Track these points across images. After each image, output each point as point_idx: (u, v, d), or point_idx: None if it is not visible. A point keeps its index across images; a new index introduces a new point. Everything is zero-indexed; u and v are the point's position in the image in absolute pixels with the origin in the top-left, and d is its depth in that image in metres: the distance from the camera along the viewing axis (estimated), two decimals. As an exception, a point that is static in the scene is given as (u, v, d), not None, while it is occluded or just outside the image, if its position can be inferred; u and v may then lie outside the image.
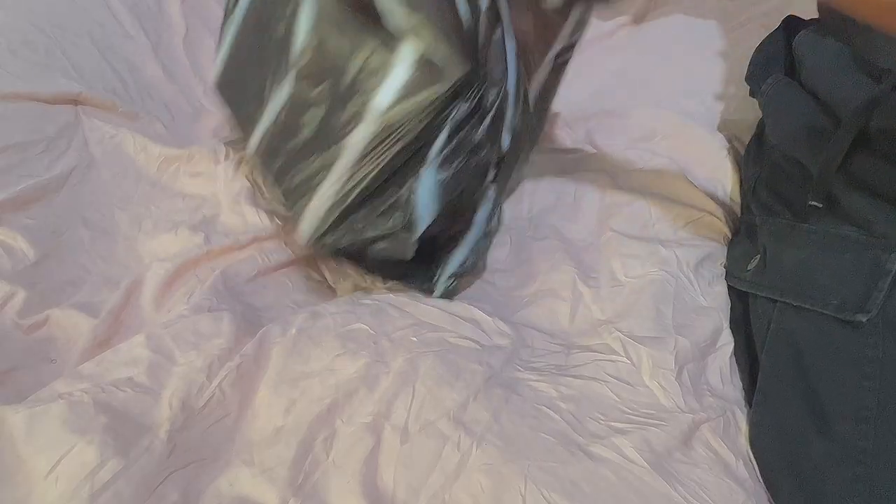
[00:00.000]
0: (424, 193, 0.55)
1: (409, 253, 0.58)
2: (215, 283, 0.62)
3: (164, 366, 0.52)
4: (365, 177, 0.54)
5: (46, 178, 0.72)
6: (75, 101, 0.83)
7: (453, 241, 0.64)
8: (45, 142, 0.76)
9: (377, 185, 0.55)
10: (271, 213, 0.72)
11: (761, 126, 0.74)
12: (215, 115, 0.94)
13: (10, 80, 0.80)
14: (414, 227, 0.55)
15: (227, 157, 0.79)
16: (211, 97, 0.97)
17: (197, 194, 0.76)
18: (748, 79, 0.73)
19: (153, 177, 0.79)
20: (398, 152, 0.53)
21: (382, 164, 0.53)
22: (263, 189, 0.74)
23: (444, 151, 0.54)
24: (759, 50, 0.76)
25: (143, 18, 1.00)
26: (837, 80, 0.60)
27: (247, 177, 0.76)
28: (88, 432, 0.47)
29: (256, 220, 0.71)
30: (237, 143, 0.73)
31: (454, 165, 0.55)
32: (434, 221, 0.57)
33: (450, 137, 0.54)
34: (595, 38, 1.04)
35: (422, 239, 0.57)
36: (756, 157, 0.70)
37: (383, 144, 0.53)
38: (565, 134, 0.84)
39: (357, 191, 0.55)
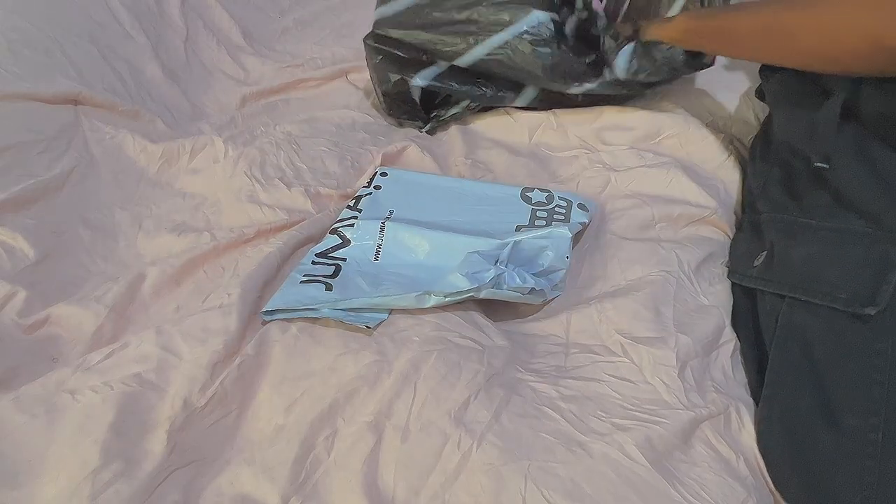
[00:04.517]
0: None
1: None
2: (230, 277, 0.62)
3: (171, 363, 0.52)
4: None
5: (46, 178, 0.72)
6: (75, 101, 0.83)
7: (446, 103, 0.90)
8: (45, 142, 0.76)
9: None
10: (273, 207, 0.72)
11: (766, 125, 0.74)
12: (214, 114, 0.94)
13: (10, 79, 0.80)
14: None
15: (226, 154, 0.80)
16: (210, 97, 0.97)
17: (197, 193, 0.76)
18: (761, 72, 0.74)
19: (153, 176, 0.79)
20: None
21: None
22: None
23: None
24: None
25: (143, 18, 1.00)
26: None
27: (246, 173, 0.76)
28: (92, 431, 0.47)
29: (260, 215, 0.71)
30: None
31: None
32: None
33: None
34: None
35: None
36: (763, 155, 0.71)
37: None
38: (566, 134, 0.84)
39: None
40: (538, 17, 0.79)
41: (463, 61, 0.82)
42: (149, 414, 0.49)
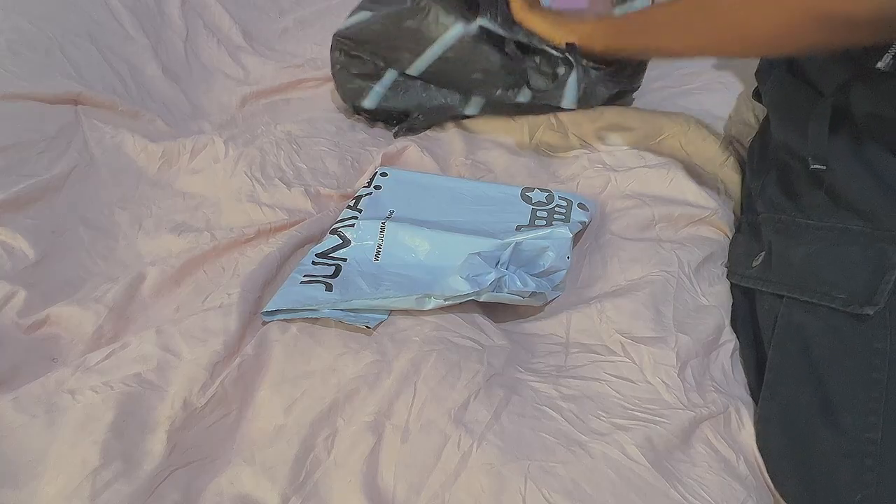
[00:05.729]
0: None
1: None
2: (230, 277, 0.62)
3: (171, 363, 0.52)
4: None
5: (46, 178, 0.72)
6: (75, 101, 0.83)
7: None
8: (45, 142, 0.76)
9: None
10: (273, 207, 0.72)
11: (764, 126, 0.74)
12: (215, 114, 0.94)
13: (10, 79, 0.80)
14: None
15: (226, 154, 0.80)
16: (210, 97, 0.97)
17: (197, 193, 0.76)
18: (757, 74, 0.74)
19: (153, 176, 0.79)
20: None
21: None
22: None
23: None
24: None
25: (143, 18, 1.00)
26: (826, 59, 0.61)
27: (246, 173, 0.76)
28: (92, 431, 0.47)
29: (260, 215, 0.71)
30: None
31: None
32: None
33: None
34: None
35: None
36: (761, 156, 0.71)
37: None
38: (566, 134, 0.84)
39: None
40: (477, 23, 0.79)
41: (415, 69, 0.82)
42: (149, 414, 0.49)
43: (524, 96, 0.81)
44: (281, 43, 1.11)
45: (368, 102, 0.86)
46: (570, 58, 0.74)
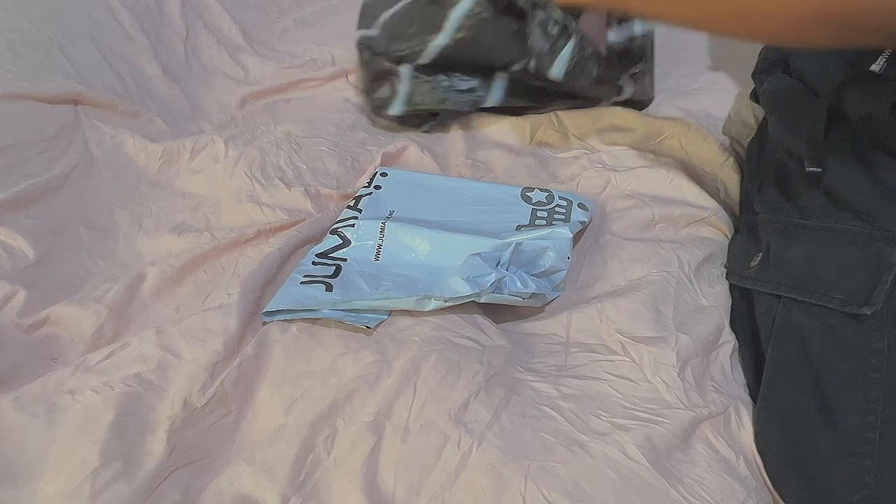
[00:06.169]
0: None
1: None
2: (230, 277, 0.63)
3: (171, 363, 0.52)
4: None
5: (46, 178, 0.72)
6: (75, 101, 0.83)
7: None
8: (45, 142, 0.76)
9: None
10: (273, 207, 0.72)
11: (762, 127, 0.74)
12: (215, 114, 0.94)
13: (10, 79, 0.80)
14: None
15: (226, 154, 0.80)
16: (210, 97, 0.97)
17: (197, 193, 0.76)
18: (754, 75, 0.74)
19: (153, 176, 0.79)
20: None
21: None
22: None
23: None
24: (766, 48, 0.77)
25: (143, 18, 1.00)
26: (821, 61, 0.61)
27: (246, 173, 0.76)
28: (92, 431, 0.47)
29: (260, 215, 0.71)
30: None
31: None
32: None
33: None
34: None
35: None
36: (759, 157, 0.71)
37: None
38: (567, 134, 0.84)
39: None
40: None
41: (427, 55, 0.80)
42: (149, 414, 0.49)
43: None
44: (281, 43, 1.11)
45: (395, 109, 0.85)
46: (573, 22, 0.73)
